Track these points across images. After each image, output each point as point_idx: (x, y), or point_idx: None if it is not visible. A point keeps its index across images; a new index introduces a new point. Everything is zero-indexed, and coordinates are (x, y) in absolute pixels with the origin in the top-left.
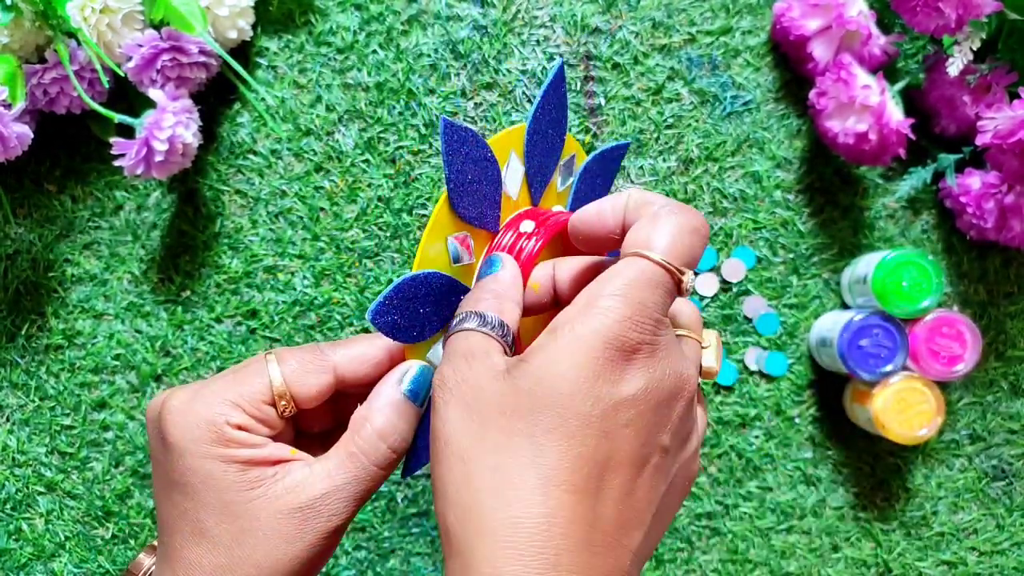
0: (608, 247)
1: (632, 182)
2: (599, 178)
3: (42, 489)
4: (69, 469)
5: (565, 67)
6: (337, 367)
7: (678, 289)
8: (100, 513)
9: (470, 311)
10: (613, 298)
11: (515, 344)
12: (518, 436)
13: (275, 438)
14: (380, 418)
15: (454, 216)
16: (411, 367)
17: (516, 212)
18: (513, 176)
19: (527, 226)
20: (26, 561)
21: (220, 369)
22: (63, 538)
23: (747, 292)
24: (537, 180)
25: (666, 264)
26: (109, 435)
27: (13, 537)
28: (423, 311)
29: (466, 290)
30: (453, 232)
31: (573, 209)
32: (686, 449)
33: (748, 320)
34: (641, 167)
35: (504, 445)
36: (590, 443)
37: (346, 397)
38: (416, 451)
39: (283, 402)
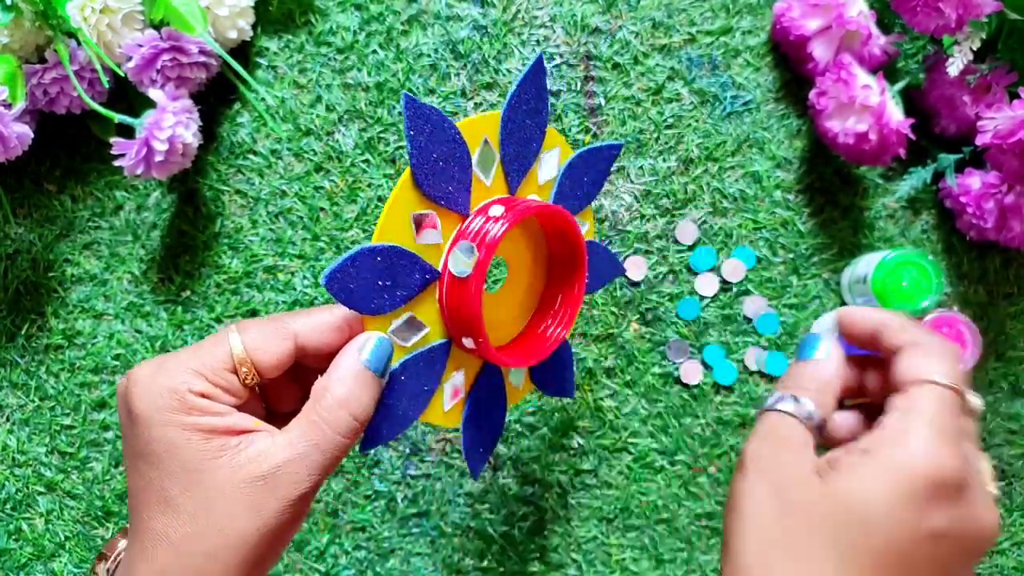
0: (865, 347)
1: (632, 182)
2: (586, 176)
3: (42, 489)
4: (69, 469)
5: (545, 59)
6: (297, 335)
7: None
8: (100, 513)
9: (791, 395)
10: (928, 428)
11: None
12: (823, 543)
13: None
14: (341, 387)
15: (419, 194)
16: (370, 338)
17: (491, 199)
18: (485, 161)
19: (496, 210)
20: (26, 561)
21: None
22: (63, 538)
23: (747, 292)
24: (514, 169)
25: (957, 387)
26: (109, 435)
27: (13, 537)
28: (381, 283)
29: (431, 269)
30: (417, 209)
31: (556, 203)
32: None
33: (748, 320)
34: (641, 167)
35: (807, 546)
36: (890, 568)
37: (313, 373)
38: (376, 425)
39: (244, 369)
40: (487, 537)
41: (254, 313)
